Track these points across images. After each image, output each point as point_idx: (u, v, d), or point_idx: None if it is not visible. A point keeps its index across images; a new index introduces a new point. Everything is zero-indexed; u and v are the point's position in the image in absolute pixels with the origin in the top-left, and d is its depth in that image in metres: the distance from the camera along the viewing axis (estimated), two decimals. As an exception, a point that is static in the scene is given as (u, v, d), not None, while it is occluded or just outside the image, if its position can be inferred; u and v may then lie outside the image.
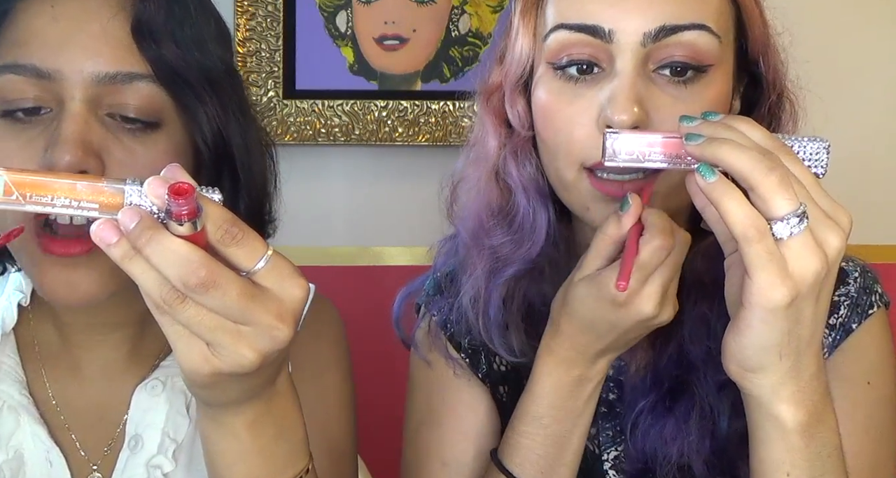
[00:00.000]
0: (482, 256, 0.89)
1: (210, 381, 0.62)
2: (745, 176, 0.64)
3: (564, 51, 0.81)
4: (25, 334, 0.86)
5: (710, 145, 0.66)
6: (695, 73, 0.79)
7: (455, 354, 0.97)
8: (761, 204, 0.65)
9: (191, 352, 0.60)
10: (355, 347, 1.00)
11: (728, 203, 0.65)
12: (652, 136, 0.71)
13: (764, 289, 0.65)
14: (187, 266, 0.57)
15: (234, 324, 0.59)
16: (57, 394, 0.85)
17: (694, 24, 0.78)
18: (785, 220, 0.64)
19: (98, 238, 0.57)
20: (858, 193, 1.10)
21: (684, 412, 0.85)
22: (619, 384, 0.92)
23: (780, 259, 0.65)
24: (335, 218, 1.76)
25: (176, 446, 0.84)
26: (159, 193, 0.57)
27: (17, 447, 0.82)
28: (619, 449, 0.91)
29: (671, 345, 0.87)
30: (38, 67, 0.72)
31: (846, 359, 0.89)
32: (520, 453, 0.85)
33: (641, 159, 0.70)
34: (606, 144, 0.71)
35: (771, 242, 0.65)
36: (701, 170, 0.66)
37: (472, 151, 0.92)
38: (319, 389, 0.91)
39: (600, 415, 0.91)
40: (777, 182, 0.64)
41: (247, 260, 0.59)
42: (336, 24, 1.72)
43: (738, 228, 0.64)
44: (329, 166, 1.78)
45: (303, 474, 0.72)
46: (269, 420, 0.69)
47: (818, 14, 1.72)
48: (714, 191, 0.65)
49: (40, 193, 0.57)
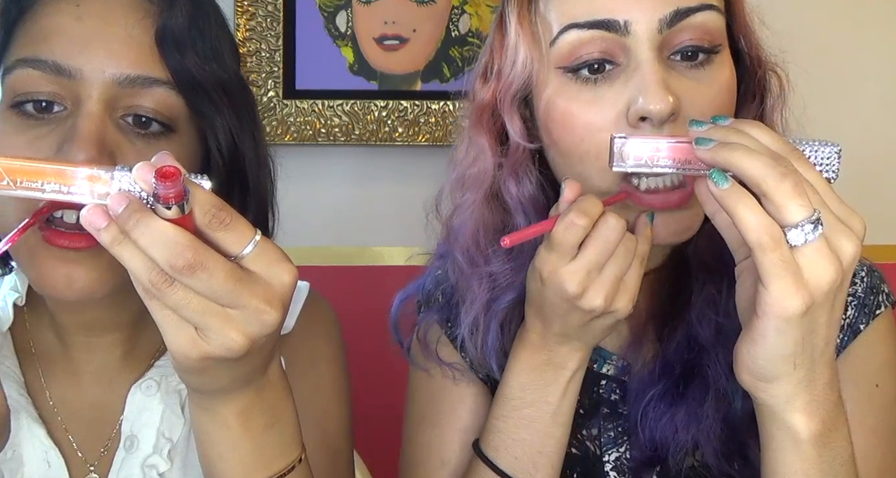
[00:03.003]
0: (482, 285, 0.88)
1: (199, 365, 0.62)
2: (758, 182, 0.63)
3: (577, 52, 0.79)
4: (22, 335, 0.86)
5: (722, 150, 0.65)
6: (706, 55, 0.78)
7: (452, 358, 0.97)
8: (775, 211, 0.63)
9: (179, 336, 0.60)
10: (355, 348, 1.00)
11: (742, 211, 0.64)
12: (659, 140, 0.70)
13: (779, 298, 0.64)
14: (174, 248, 0.57)
15: (222, 307, 0.60)
16: (54, 394, 0.85)
17: (703, 4, 0.77)
18: (800, 227, 0.63)
19: (88, 223, 0.58)
20: (859, 192, 1.09)
21: (699, 396, 0.84)
22: (622, 385, 0.91)
23: (794, 267, 0.64)
24: (335, 218, 1.75)
25: (171, 445, 0.85)
26: (147, 177, 0.58)
27: (16, 447, 0.82)
28: (620, 450, 0.91)
29: (679, 331, 0.86)
30: (59, 64, 0.72)
31: (855, 360, 0.88)
32: (496, 437, 0.85)
33: (650, 165, 0.69)
34: (614, 149, 0.70)
35: (786, 250, 0.63)
36: (714, 176, 0.65)
37: (462, 174, 0.89)
38: (314, 384, 0.91)
39: (602, 415, 0.91)
40: (791, 188, 0.63)
41: (235, 245, 0.60)
42: (336, 24, 1.71)
43: (753, 236, 0.63)
44: (329, 166, 1.77)
45: (295, 463, 0.72)
46: (260, 409, 0.69)
47: (817, 14, 1.72)
48: (728, 198, 0.64)
49: (31, 179, 0.58)
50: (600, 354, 0.92)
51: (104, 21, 0.74)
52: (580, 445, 0.91)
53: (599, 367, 0.92)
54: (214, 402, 0.67)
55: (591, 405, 0.92)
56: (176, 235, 0.57)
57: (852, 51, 1.79)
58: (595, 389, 0.92)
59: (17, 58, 0.74)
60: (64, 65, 0.72)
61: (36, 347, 0.86)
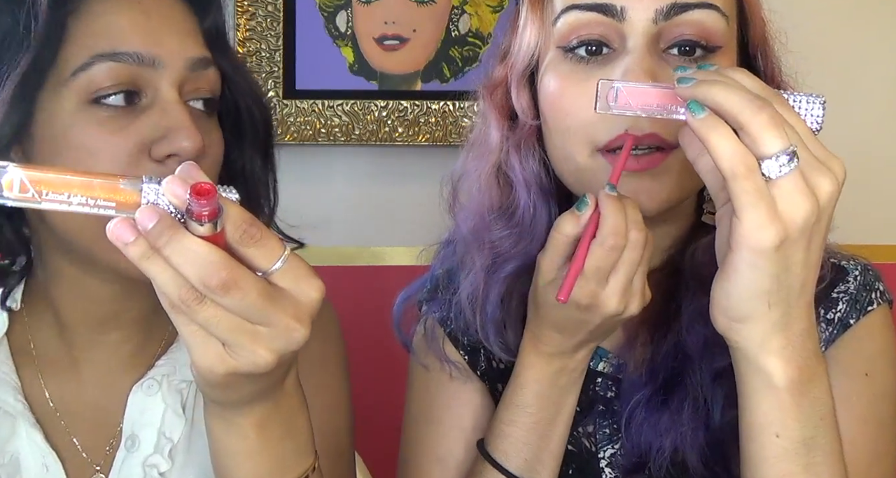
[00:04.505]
0: (482, 252, 0.89)
1: (224, 381, 0.62)
2: (735, 114, 0.63)
3: (575, 32, 0.81)
4: (20, 339, 0.86)
5: (701, 85, 0.65)
6: (703, 52, 0.79)
7: (453, 356, 0.97)
8: (750, 142, 0.63)
9: (207, 352, 0.60)
10: (355, 347, 1.00)
11: (716, 139, 0.63)
12: (645, 85, 0.71)
13: (752, 229, 0.63)
14: (208, 267, 0.56)
15: (252, 325, 0.59)
16: (55, 397, 0.85)
17: (703, 2, 0.79)
18: (774, 158, 0.62)
19: (115, 237, 0.57)
20: (859, 193, 1.09)
21: (678, 404, 0.85)
22: (617, 382, 0.92)
23: (769, 199, 0.63)
24: (335, 218, 1.75)
25: (172, 445, 0.85)
26: (178, 192, 0.57)
27: (14, 453, 0.82)
28: (615, 447, 0.91)
29: (668, 338, 0.87)
30: (141, 54, 0.74)
31: (844, 352, 0.87)
32: (505, 442, 0.85)
33: (633, 109, 0.70)
34: (599, 93, 0.70)
35: (759, 179, 0.63)
36: (691, 107, 0.64)
37: (472, 149, 0.93)
38: (316, 385, 0.91)
39: (598, 412, 0.91)
40: (767, 119, 0.62)
41: (265, 261, 0.59)
42: (336, 24, 1.72)
43: (726, 164, 0.63)
44: (329, 166, 1.77)
45: (309, 472, 0.73)
46: (277, 420, 0.69)
47: (817, 12, 1.72)
48: (702, 127, 0.64)
49: (56, 191, 0.57)
50: (596, 351, 0.92)
51: (165, 15, 0.78)
52: (576, 442, 0.92)
53: (595, 364, 0.93)
54: (233, 413, 0.67)
55: (587, 402, 0.92)
56: (209, 253, 0.57)
57: (852, 50, 1.79)
58: (591, 386, 0.92)
59: (94, 53, 0.74)
60: (147, 55, 0.74)
61: (36, 351, 0.86)
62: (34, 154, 0.76)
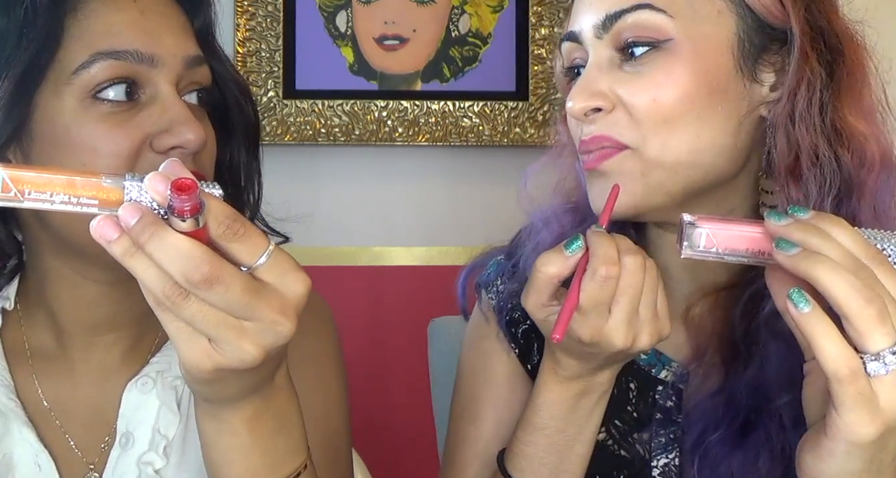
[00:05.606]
0: (551, 231, 0.93)
1: (212, 377, 0.62)
2: (841, 304, 0.62)
3: (569, 59, 0.88)
4: (14, 338, 0.86)
5: (805, 261, 0.63)
6: (649, 49, 0.81)
7: (505, 347, 0.97)
8: (857, 336, 0.62)
9: (193, 348, 0.60)
10: (355, 347, 1.00)
11: (821, 339, 0.62)
12: (733, 228, 0.68)
13: (852, 426, 0.62)
14: (190, 262, 0.56)
15: (237, 319, 0.59)
16: (49, 396, 0.85)
17: (634, 5, 0.81)
18: (881, 357, 0.62)
19: (98, 234, 0.57)
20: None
21: (754, 449, 0.83)
22: (678, 393, 0.90)
23: (871, 397, 0.62)
24: (335, 218, 1.76)
25: (167, 442, 0.84)
26: (160, 189, 0.57)
27: (7, 452, 0.82)
28: (669, 457, 0.90)
29: (748, 371, 0.84)
30: (140, 52, 0.75)
31: None
32: (523, 461, 0.85)
33: (720, 253, 0.68)
34: (685, 232, 0.68)
35: (864, 382, 0.61)
36: (793, 298, 0.63)
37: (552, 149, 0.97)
38: (311, 382, 0.91)
39: (656, 421, 0.90)
40: (875, 315, 0.61)
41: (248, 256, 0.59)
42: (336, 24, 1.72)
43: (831, 366, 0.62)
44: (329, 166, 1.78)
45: (301, 468, 0.72)
46: (268, 416, 0.69)
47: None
48: (807, 324, 0.63)
49: (39, 190, 0.57)
50: (660, 358, 0.91)
51: (161, 13, 0.79)
52: (630, 448, 0.91)
53: (657, 372, 0.92)
54: (223, 410, 0.67)
55: (645, 410, 0.91)
56: (192, 248, 0.57)
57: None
58: (651, 394, 0.91)
59: (94, 52, 0.75)
60: (145, 53, 0.75)
61: (31, 350, 0.86)
62: (33, 153, 0.76)
